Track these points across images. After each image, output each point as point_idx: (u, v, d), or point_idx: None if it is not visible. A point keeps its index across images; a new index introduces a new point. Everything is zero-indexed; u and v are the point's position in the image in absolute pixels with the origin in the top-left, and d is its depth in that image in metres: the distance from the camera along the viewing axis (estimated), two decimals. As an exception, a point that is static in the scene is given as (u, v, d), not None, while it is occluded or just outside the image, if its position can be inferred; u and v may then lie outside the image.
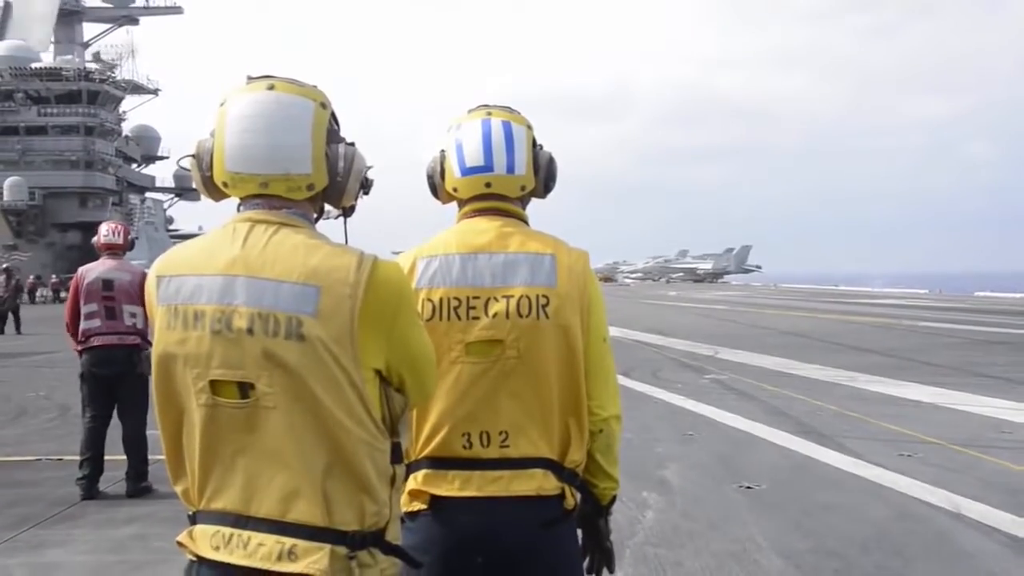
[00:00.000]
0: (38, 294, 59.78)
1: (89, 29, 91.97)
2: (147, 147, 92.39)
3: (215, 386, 1.96)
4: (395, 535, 2.06)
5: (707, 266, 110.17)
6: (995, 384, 13.62)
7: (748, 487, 7.45)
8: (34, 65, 79.41)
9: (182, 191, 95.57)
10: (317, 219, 2.18)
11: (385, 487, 2.01)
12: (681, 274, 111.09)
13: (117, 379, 7.66)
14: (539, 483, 2.43)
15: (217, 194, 2.14)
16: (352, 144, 2.13)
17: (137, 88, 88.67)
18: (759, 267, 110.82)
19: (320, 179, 2.07)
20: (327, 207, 2.20)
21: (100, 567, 5.80)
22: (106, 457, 7.62)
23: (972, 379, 14.27)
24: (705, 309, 39.69)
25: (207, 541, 2.01)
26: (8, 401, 13.07)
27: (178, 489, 2.12)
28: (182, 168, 2.26)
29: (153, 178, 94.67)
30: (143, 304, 7.71)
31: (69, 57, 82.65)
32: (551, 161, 2.64)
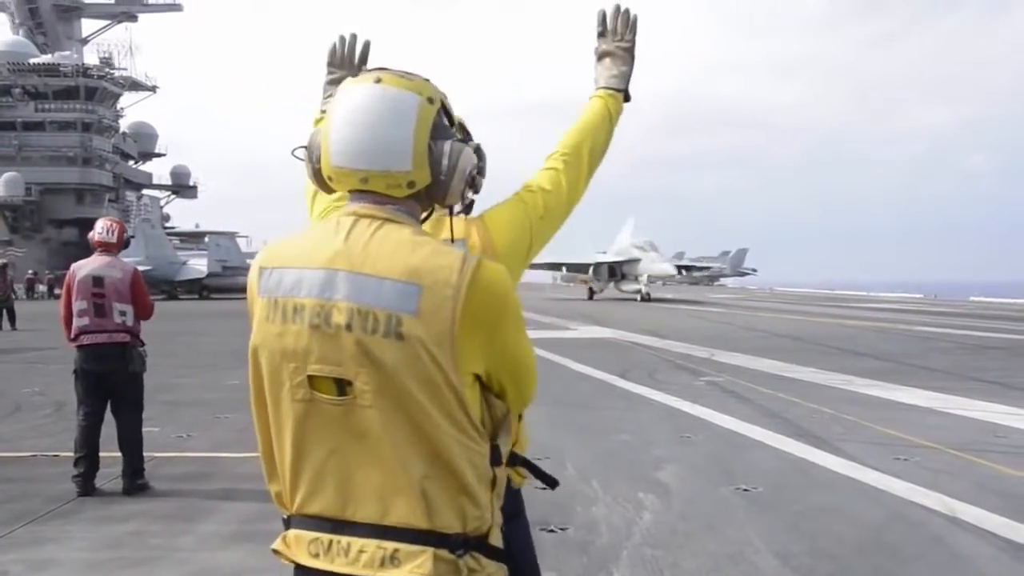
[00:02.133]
0: (36, 289, 59.75)
1: (88, 25, 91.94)
2: (144, 144, 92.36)
3: (313, 381, 1.92)
4: (498, 539, 2.00)
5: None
6: (990, 388, 13.65)
7: (745, 489, 7.46)
8: (32, 61, 79.33)
9: (179, 188, 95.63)
10: (427, 217, 2.13)
11: (485, 490, 1.96)
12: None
13: (110, 376, 7.64)
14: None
15: (326, 187, 2.12)
16: (463, 141, 2.06)
17: (135, 85, 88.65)
18: (755, 270, 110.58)
19: (422, 176, 2.00)
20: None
21: (96, 564, 5.78)
22: (102, 453, 7.61)
23: (967, 383, 14.29)
24: (701, 312, 39.69)
25: (304, 548, 1.97)
26: (3, 397, 13.04)
27: (272, 490, 2.08)
28: (296, 157, 2.20)
29: (150, 175, 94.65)
30: (133, 302, 7.71)
31: (67, 53, 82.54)
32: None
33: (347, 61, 2.64)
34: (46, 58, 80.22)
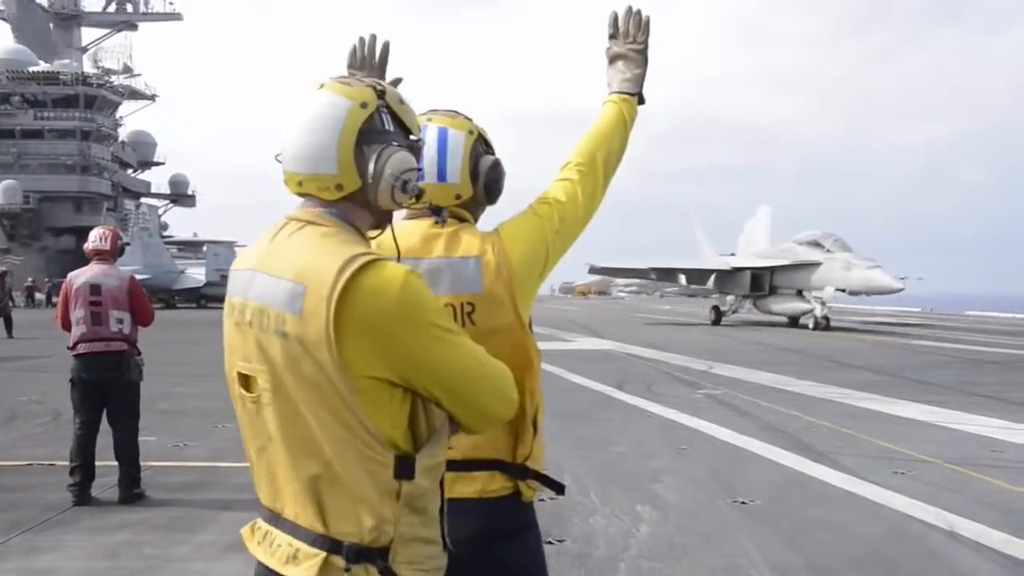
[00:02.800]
0: (35, 297, 59.72)
1: (87, 34, 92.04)
2: (143, 152, 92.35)
3: (242, 379, 2.01)
4: (407, 558, 1.92)
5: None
6: (988, 403, 13.64)
7: (742, 502, 7.45)
8: (31, 69, 79.38)
9: (177, 197, 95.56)
10: (383, 225, 2.11)
11: (387, 502, 1.89)
12: (675, 289, 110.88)
13: (106, 385, 7.63)
14: (483, 484, 2.44)
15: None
16: (400, 146, 2.04)
17: (134, 94, 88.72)
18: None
19: (349, 180, 2.00)
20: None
21: (92, 573, 5.76)
22: (99, 463, 7.58)
23: (965, 398, 14.28)
24: (699, 325, 39.67)
25: (253, 536, 2.08)
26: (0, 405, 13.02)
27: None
28: (279, 162, 2.23)
29: (149, 184, 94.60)
30: (132, 309, 7.71)
31: (67, 61, 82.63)
32: (492, 167, 2.43)
33: (367, 63, 2.62)
34: (45, 66, 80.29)
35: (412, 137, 2.10)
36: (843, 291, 34.54)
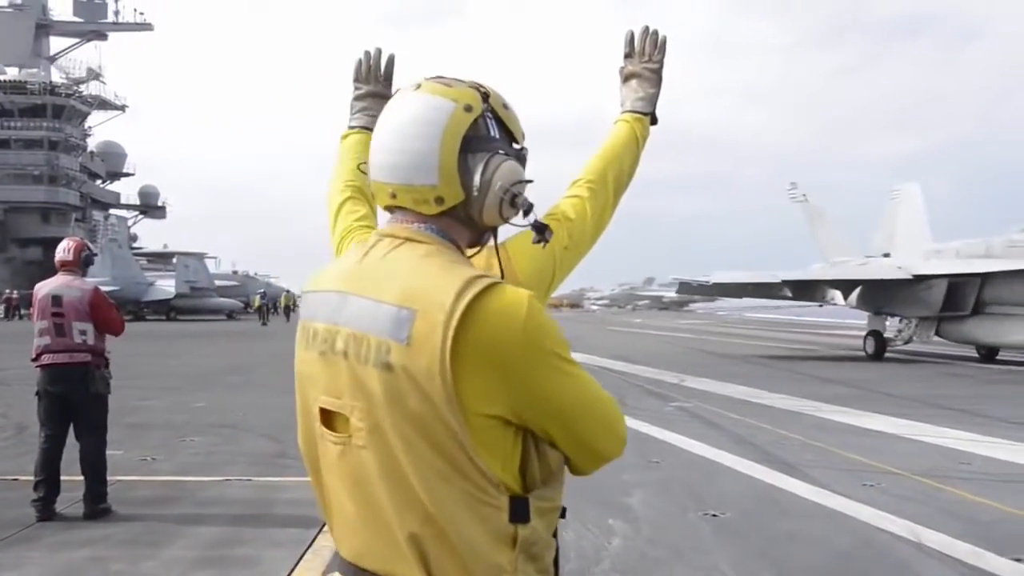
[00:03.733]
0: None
1: (56, 43, 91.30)
2: (112, 163, 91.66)
3: (327, 416, 1.78)
4: None
5: (672, 294, 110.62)
6: (955, 416, 13.77)
7: (713, 515, 7.46)
8: (-1, 78, 78.67)
9: (147, 208, 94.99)
10: (485, 242, 1.93)
11: (502, 549, 1.69)
12: (647, 301, 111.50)
13: (71, 398, 7.53)
14: None
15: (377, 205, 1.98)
16: (507, 155, 1.85)
17: (104, 104, 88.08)
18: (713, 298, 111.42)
19: (451, 192, 1.79)
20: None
21: (56, 590, 5.67)
22: (64, 477, 7.47)
23: (933, 410, 14.41)
24: (671, 336, 39.83)
25: None
26: (-37, 418, 12.81)
27: (325, 518, 1.91)
28: (362, 171, 2.08)
29: (118, 195, 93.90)
30: (94, 320, 7.62)
31: (35, 70, 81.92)
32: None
33: (372, 76, 2.56)
34: (12, 75, 79.54)
35: (516, 145, 1.91)
36: None
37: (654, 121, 2.56)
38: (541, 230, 1.94)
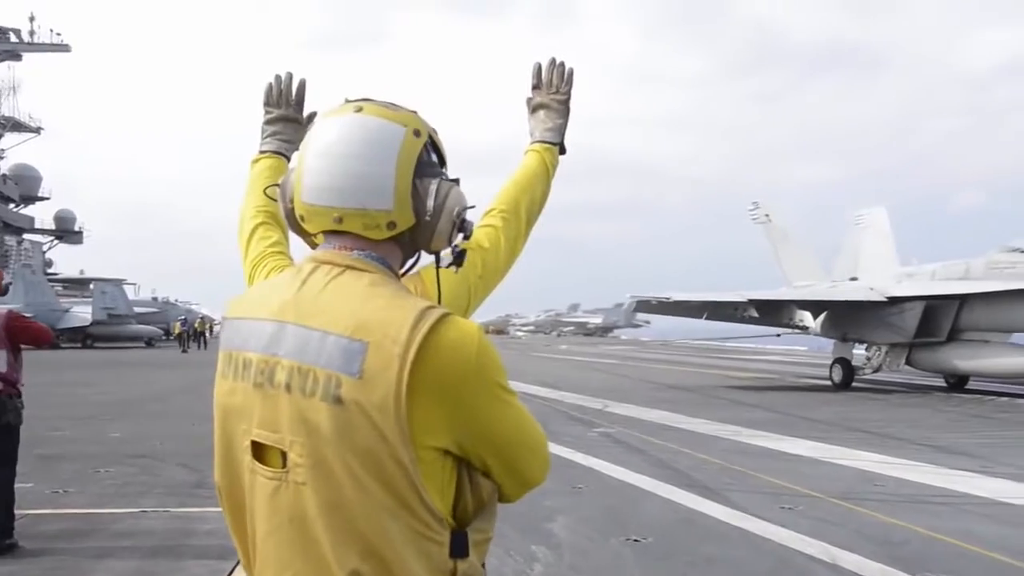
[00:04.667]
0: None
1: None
2: (26, 187, 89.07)
3: (258, 449, 1.71)
4: None
5: (597, 320, 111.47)
6: (869, 439, 14.12)
7: (635, 540, 7.52)
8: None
9: (63, 233, 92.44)
10: (412, 266, 1.93)
11: None
12: (572, 328, 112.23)
13: None
14: None
15: (300, 229, 1.91)
16: (455, 180, 1.87)
17: (17, 126, 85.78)
18: (648, 322, 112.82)
19: (404, 217, 1.78)
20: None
21: (-41, 628, 5.47)
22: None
23: (848, 434, 14.76)
24: (595, 363, 40.09)
25: None
26: None
27: (241, 559, 1.84)
28: (269, 197, 2.02)
29: (32, 219, 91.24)
30: (18, 342, 7.41)
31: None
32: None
33: (284, 100, 2.54)
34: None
35: (445, 171, 1.91)
36: None
37: (563, 151, 2.59)
38: (463, 255, 1.97)
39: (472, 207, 1.91)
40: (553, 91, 2.60)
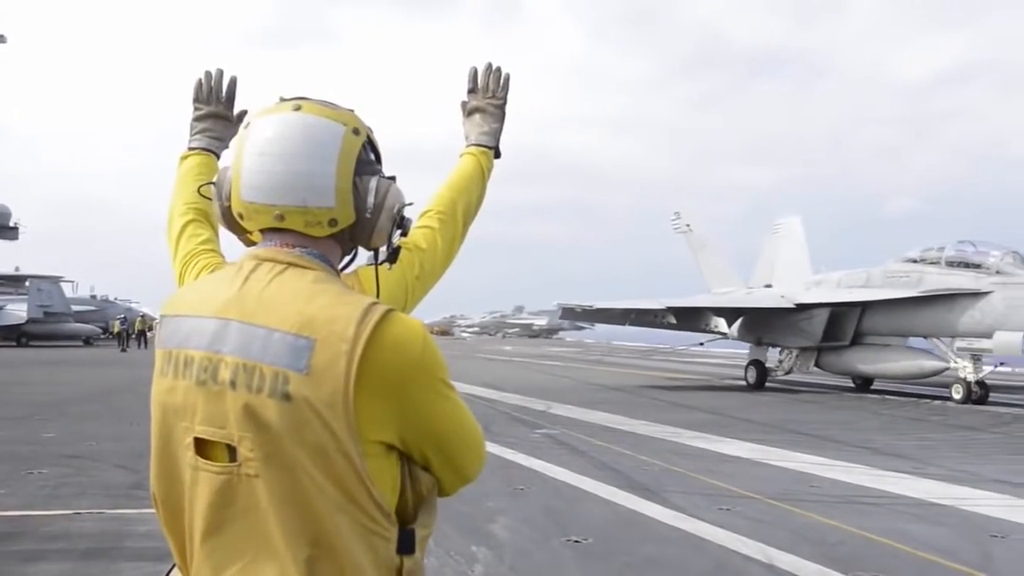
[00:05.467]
0: None
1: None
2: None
3: (201, 446, 1.72)
4: None
5: (542, 322, 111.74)
6: (807, 441, 14.35)
7: (576, 541, 7.55)
8: None
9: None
10: (349, 263, 1.96)
11: None
12: (517, 329, 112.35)
13: None
14: None
15: (236, 227, 1.91)
16: (391, 178, 1.90)
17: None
18: (592, 325, 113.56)
19: (345, 214, 1.81)
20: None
21: None
22: None
23: (787, 436, 14.99)
24: (539, 364, 40.20)
25: None
26: None
27: (175, 556, 1.85)
28: (203, 196, 2.00)
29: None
30: None
31: None
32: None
33: (213, 97, 2.53)
34: None
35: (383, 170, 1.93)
36: None
37: (498, 155, 2.62)
38: (397, 252, 1.99)
39: (410, 204, 1.94)
40: (489, 95, 2.63)
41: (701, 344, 34.85)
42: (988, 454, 13.41)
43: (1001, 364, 23.70)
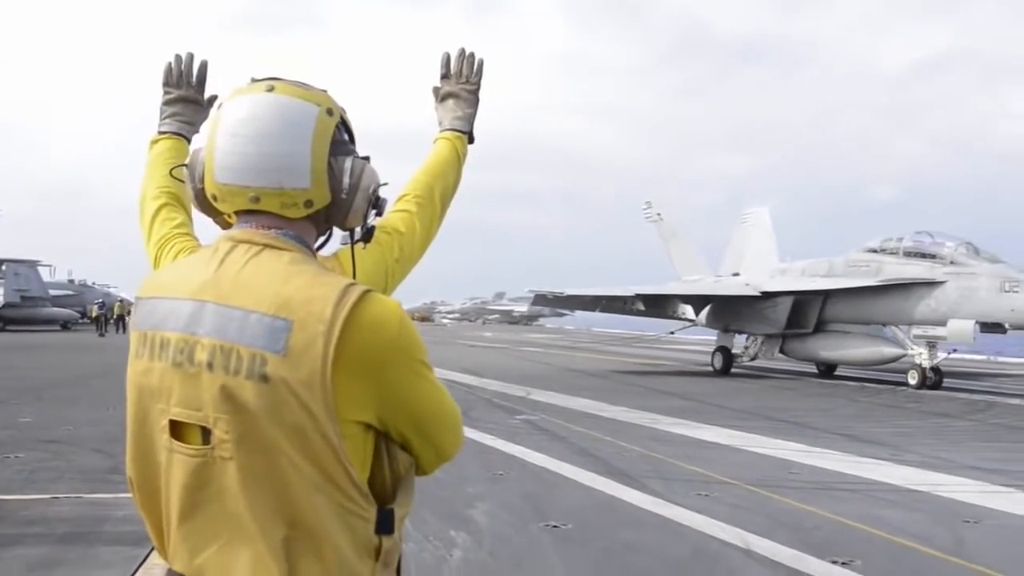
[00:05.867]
0: None
1: None
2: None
3: (176, 428, 1.72)
4: None
5: (523, 309, 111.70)
6: (785, 427, 14.46)
7: (555, 526, 7.58)
8: None
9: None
10: (324, 244, 1.95)
11: (365, 560, 1.72)
12: (497, 316, 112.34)
13: None
14: None
15: (212, 210, 1.91)
16: (365, 158, 1.90)
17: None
18: (573, 312, 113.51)
19: (321, 195, 1.81)
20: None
21: None
22: None
23: (765, 422, 15.09)
24: (520, 350, 40.25)
25: None
26: None
27: (152, 538, 1.86)
28: (175, 178, 2.03)
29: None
30: None
31: None
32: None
33: (184, 81, 2.51)
34: None
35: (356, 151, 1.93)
36: (1003, 328, 22.14)
37: (471, 140, 2.63)
38: (371, 232, 2.00)
39: (385, 184, 1.95)
40: (463, 81, 2.64)
41: (672, 332, 35.58)
42: (963, 441, 13.56)
43: (953, 351, 24.38)
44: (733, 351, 28.31)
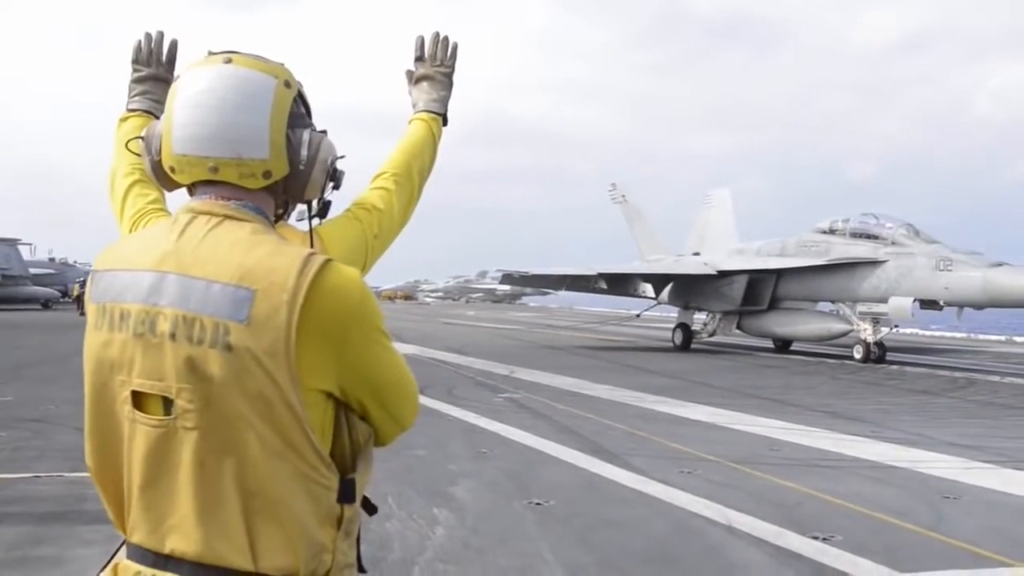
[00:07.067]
0: None
1: None
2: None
3: (137, 399, 1.73)
4: None
5: (506, 287, 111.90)
6: (768, 405, 14.54)
7: (538, 503, 7.60)
8: None
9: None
10: (281, 216, 1.97)
11: (327, 529, 1.74)
12: (481, 294, 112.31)
13: None
14: None
15: (168, 182, 1.91)
16: (323, 132, 1.92)
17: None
18: (557, 291, 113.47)
19: (279, 166, 1.83)
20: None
21: None
22: None
23: (748, 400, 15.16)
24: (503, 329, 40.28)
25: None
26: None
27: (109, 511, 1.87)
28: (131, 151, 2.02)
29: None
30: None
31: None
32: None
33: (154, 59, 2.51)
34: None
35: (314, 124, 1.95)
36: (939, 304, 22.95)
37: (445, 122, 2.65)
38: (328, 207, 2.01)
39: (342, 157, 1.96)
40: (437, 63, 2.65)
41: (637, 315, 36.97)
42: (943, 417, 13.68)
43: (896, 327, 25.73)
44: (693, 328, 29.44)
